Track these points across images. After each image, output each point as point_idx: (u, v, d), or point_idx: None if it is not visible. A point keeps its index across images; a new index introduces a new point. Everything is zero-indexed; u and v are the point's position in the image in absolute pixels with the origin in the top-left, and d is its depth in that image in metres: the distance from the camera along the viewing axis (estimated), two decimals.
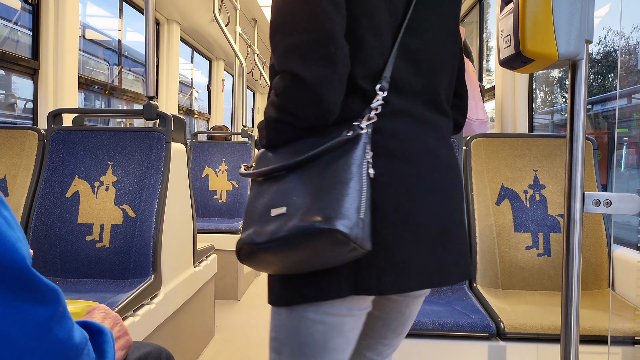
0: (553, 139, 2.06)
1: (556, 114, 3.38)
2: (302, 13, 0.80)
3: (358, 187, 0.77)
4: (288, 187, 0.83)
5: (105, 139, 2.04)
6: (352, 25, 0.84)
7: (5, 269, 0.39)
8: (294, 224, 0.77)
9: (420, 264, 0.84)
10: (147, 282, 1.78)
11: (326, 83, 0.80)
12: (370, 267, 0.82)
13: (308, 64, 0.79)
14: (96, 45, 4.69)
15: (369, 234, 0.77)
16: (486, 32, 4.36)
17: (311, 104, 0.81)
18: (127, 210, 1.93)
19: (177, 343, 2.14)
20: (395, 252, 0.83)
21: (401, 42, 0.87)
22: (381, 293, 0.83)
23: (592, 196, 1.11)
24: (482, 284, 1.89)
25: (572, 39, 1.05)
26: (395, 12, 0.87)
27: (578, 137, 1.11)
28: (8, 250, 0.39)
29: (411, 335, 1.52)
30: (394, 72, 0.87)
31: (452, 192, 0.91)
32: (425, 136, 0.89)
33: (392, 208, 0.83)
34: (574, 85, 1.12)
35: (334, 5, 0.80)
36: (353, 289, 0.83)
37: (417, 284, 0.85)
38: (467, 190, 2.02)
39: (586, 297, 1.79)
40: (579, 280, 1.13)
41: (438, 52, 0.93)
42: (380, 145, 0.83)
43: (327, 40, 0.79)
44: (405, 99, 0.88)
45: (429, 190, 0.87)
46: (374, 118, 0.83)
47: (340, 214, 0.74)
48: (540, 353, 1.50)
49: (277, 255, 0.81)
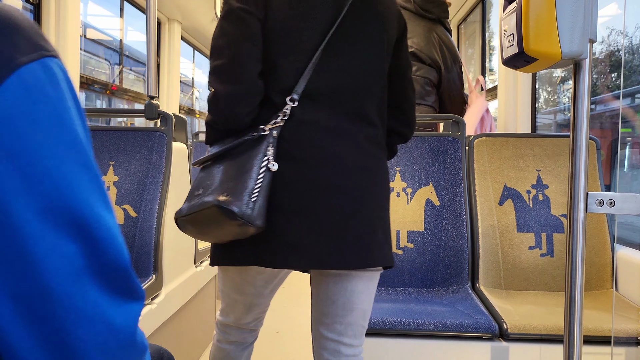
0: (556, 139, 2.05)
1: (559, 114, 3.37)
2: (221, 43, 1.06)
3: (254, 177, 1.00)
4: (209, 173, 1.07)
5: (107, 139, 2.04)
6: (269, 51, 1.07)
7: (118, 269, 0.46)
8: (201, 200, 1.00)
9: (310, 247, 1.04)
10: (148, 282, 1.78)
11: (234, 98, 1.05)
12: (268, 244, 1.04)
13: (222, 84, 1.05)
14: (97, 45, 4.69)
15: (261, 215, 1.00)
16: (488, 32, 4.35)
17: (224, 113, 1.07)
18: (128, 210, 1.93)
19: (178, 343, 2.14)
20: (287, 234, 1.04)
21: (320, 63, 1.07)
22: (274, 266, 1.05)
23: (595, 196, 1.10)
24: (485, 284, 1.89)
25: (575, 38, 1.04)
26: (313, 39, 1.07)
27: (581, 136, 1.10)
28: (121, 252, 0.46)
29: (414, 336, 1.52)
30: (311, 88, 1.07)
31: (357, 191, 1.08)
32: (332, 144, 1.07)
33: (287, 199, 1.04)
34: (577, 84, 1.11)
35: (246, 37, 1.04)
36: (254, 260, 1.06)
37: (308, 264, 1.05)
38: (470, 190, 2.02)
39: (589, 297, 1.78)
40: (582, 280, 1.12)
41: (361, 72, 1.11)
42: (286, 150, 1.05)
43: (236, 65, 1.04)
44: (320, 111, 1.08)
45: (324, 188, 1.05)
46: (279, 123, 1.05)
47: (233, 195, 0.98)
48: (543, 354, 1.49)
49: (194, 226, 1.06)
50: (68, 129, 0.44)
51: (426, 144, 2.04)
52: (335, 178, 1.06)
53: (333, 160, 1.07)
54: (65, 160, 0.43)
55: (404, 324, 1.50)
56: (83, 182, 0.44)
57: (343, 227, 1.06)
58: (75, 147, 0.45)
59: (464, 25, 5.00)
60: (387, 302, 1.70)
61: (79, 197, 0.43)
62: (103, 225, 0.45)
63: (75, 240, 0.43)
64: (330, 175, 1.06)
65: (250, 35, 1.05)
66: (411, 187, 2.01)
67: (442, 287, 1.90)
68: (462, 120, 2.05)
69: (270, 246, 1.04)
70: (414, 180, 2.01)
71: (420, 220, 1.97)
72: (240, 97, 1.05)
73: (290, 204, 1.04)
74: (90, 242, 0.44)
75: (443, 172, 2.01)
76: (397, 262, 1.93)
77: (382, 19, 1.14)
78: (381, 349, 1.51)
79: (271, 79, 1.08)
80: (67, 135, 0.44)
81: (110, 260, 0.45)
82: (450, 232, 1.94)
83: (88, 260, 0.44)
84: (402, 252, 1.94)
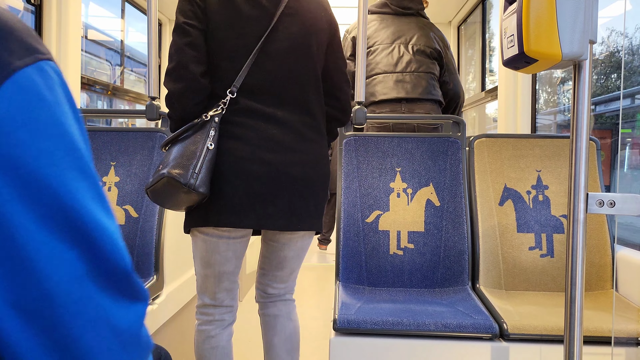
0: (556, 140, 2.05)
1: (559, 115, 3.38)
2: (172, 51, 1.33)
3: (198, 154, 1.27)
4: (168, 153, 1.32)
5: (108, 139, 2.04)
6: (213, 56, 1.35)
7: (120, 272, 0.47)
8: (159, 173, 1.26)
9: (248, 209, 1.32)
10: (150, 283, 1.78)
11: (181, 94, 1.32)
12: (215, 207, 1.32)
13: (172, 82, 1.33)
14: (98, 46, 4.69)
15: (204, 183, 1.26)
16: (489, 32, 4.36)
17: (175, 106, 1.36)
18: (129, 210, 1.94)
19: (179, 343, 2.14)
20: (229, 198, 1.31)
21: (255, 64, 1.35)
22: (219, 225, 1.33)
23: (595, 197, 1.10)
24: (485, 284, 1.89)
25: (575, 39, 1.04)
26: (249, 45, 1.34)
27: (581, 137, 1.11)
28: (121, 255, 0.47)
29: (414, 336, 1.52)
30: (250, 83, 1.35)
31: (289, 168, 1.35)
32: (266, 128, 1.35)
33: (228, 169, 1.32)
34: (577, 85, 1.11)
35: (189, 45, 1.32)
36: (205, 221, 1.34)
37: (247, 224, 1.33)
38: (470, 191, 2.02)
39: (589, 298, 1.78)
40: (582, 281, 1.12)
41: (295, 70, 1.38)
42: (228, 130, 1.34)
43: (179, 67, 1.31)
44: (258, 101, 1.36)
45: (259, 161, 1.32)
46: (219, 111, 1.33)
47: (183, 169, 1.24)
48: (543, 354, 1.50)
49: (155, 195, 1.30)
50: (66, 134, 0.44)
51: (426, 144, 2.04)
52: (269, 155, 1.34)
53: (267, 140, 1.34)
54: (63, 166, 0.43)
55: (404, 324, 1.51)
56: (82, 188, 0.44)
57: (276, 194, 1.34)
58: (74, 152, 0.44)
59: (464, 26, 5.00)
60: (387, 303, 1.71)
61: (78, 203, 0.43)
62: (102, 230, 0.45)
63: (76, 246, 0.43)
64: (265, 152, 1.33)
65: (191, 43, 1.32)
66: (412, 188, 2.01)
67: (442, 288, 1.90)
68: (463, 120, 2.06)
69: (217, 209, 1.32)
70: (414, 181, 2.02)
71: (421, 220, 1.97)
72: (186, 93, 1.33)
73: (231, 172, 1.32)
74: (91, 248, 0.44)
75: (443, 173, 2.02)
76: (397, 262, 1.94)
77: (309, 27, 1.40)
78: (381, 349, 1.52)
79: (215, 78, 1.36)
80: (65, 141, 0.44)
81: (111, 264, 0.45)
82: (450, 232, 1.95)
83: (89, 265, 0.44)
84: (403, 253, 1.94)
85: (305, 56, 1.40)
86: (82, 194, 0.44)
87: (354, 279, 1.92)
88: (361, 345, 1.52)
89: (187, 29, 1.32)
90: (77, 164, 0.44)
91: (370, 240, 1.95)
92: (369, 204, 1.99)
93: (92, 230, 0.44)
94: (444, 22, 5.17)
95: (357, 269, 1.93)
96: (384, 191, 2.01)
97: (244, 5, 1.35)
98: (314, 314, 3.27)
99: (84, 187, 0.44)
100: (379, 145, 2.05)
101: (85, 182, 0.45)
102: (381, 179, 2.02)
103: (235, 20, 1.34)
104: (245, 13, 1.34)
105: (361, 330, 1.51)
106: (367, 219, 1.98)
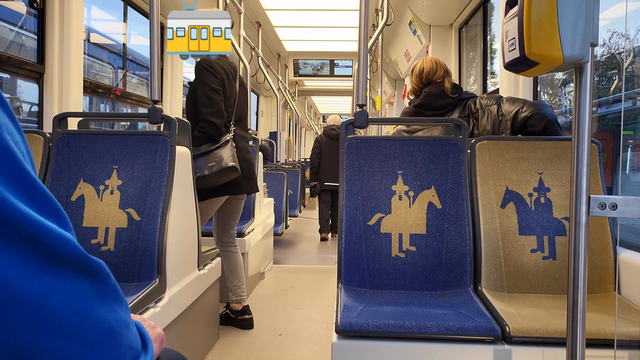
0: (558, 142, 2.05)
1: (561, 117, 3.37)
2: (215, 100, 2.63)
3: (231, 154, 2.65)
4: (208, 157, 2.67)
5: (110, 143, 2.05)
6: (225, 104, 2.73)
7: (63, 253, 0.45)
8: (220, 166, 2.60)
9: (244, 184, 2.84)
10: (152, 285, 1.78)
11: (220, 124, 2.64)
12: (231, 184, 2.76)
13: (216, 118, 2.61)
14: (101, 49, 4.71)
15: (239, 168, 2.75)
16: (490, 35, 4.36)
17: (215, 130, 2.63)
18: (132, 213, 1.94)
19: (182, 346, 2.14)
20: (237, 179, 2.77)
21: (237, 107, 2.82)
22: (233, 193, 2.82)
23: (597, 199, 1.10)
24: (487, 287, 1.89)
25: (577, 42, 1.05)
26: (233, 99, 2.78)
27: (583, 139, 1.11)
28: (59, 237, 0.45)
29: (416, 339, 1.52)
30: (236, 119, 2.83)
31: (250, 163, 2.91)
32: (245, 144, 2.92)
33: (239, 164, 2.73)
34: (579, 88, 1.11)
35: (221, 96, 2.65)
36: (226, 193, 2.79)
37: (243, 191, 2.87)
38: (472, 193, 2.02)
39: (592, 300, 1.78)
40: (584, 283, 1.12)
41: (245, 109, 2.99)
42: (236, 147, 2.76)
43: (220, 111, 2.64)
44: (241, 129, 2.89)
45: (245, 160, 2.83)
46: (231, 133, 2.76)
47: (232, 162, 2.64)
48: (546, 357, 1.49)
49: (209, 181, 2.62)
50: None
51: (428, 147, 2.04)
52: (247, 157, 2.87)
53: (244, 149, 2.86)
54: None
55: (406, 327, 1.50)
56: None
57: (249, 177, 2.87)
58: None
59: (465, 29, 5.01)
60: (389, 305, 1.71)
61: (4, 201, 0.41)
62: (28, 219, 0.42)
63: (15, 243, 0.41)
64: (245, 156, 2.84)
65: (220, 93, 2.65)
66: (413, 191, 2.01)
67: (444, 290, 1.90)
68: (464, 123, 2.06)
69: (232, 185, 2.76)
70: (416, 184, 2.02)
71: (423, 223, 1.97)
72: (222, 124, 2.64)
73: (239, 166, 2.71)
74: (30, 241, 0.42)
75: (445, 176, 2.02)
76: (399, 265, 1.93)
77: (246, 88, 3.09)
78: (383, 352, 1.51)
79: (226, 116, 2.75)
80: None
81: (55, 248, 0.44)
82: (452, 235, 1.95)
83: (42, 260, 0.43)
84: (405, 255, 1.94)
85: (246, 102, 3.07)
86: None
87: (356, 282, 1.92)
88: (363, 348, 1.52)
89: (219, 89, 2.64)
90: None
91: (372, 242, 1.96)
92: (370, 206, 1.99)
93: (19, 223, 0.42)
94: (445, 25, 5.17)
95: (359, 272, 1.93)
96: (385, 194, 2.01)
97: (228, 84, 2.73)
98: (315, 317, 3.27)
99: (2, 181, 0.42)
100: (380, 148, 2.05)
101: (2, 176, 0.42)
102: (383, 181, 2.02)
103: (229, 88, 2.74)
104: (230, 88, 2.76)
105: (363, 333, 1.51)
106: (369, 221, 1.98)
